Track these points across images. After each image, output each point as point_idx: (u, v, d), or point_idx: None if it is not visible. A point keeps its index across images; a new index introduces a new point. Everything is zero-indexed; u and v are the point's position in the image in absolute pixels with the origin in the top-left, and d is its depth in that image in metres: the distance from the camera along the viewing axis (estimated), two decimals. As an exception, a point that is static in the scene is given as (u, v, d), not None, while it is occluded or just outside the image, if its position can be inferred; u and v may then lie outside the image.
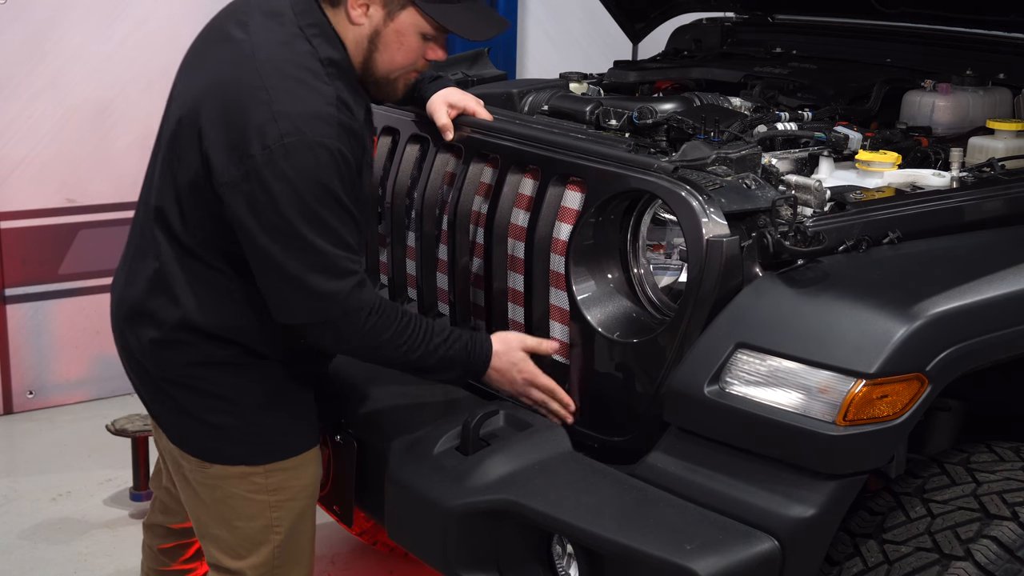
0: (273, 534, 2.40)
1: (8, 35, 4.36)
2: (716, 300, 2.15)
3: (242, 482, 2.36)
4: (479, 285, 2.63)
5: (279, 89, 2.13)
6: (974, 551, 2.05)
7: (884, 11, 3.38)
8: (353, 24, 2.25)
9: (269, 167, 2.10)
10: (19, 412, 4.63)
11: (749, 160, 2.35)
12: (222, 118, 2.15)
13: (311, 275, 2.15)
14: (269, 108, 2.11)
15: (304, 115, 2.12)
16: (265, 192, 2.11)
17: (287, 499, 2.40)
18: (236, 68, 2.18)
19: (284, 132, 2.10)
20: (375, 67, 2.30)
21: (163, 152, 2.31)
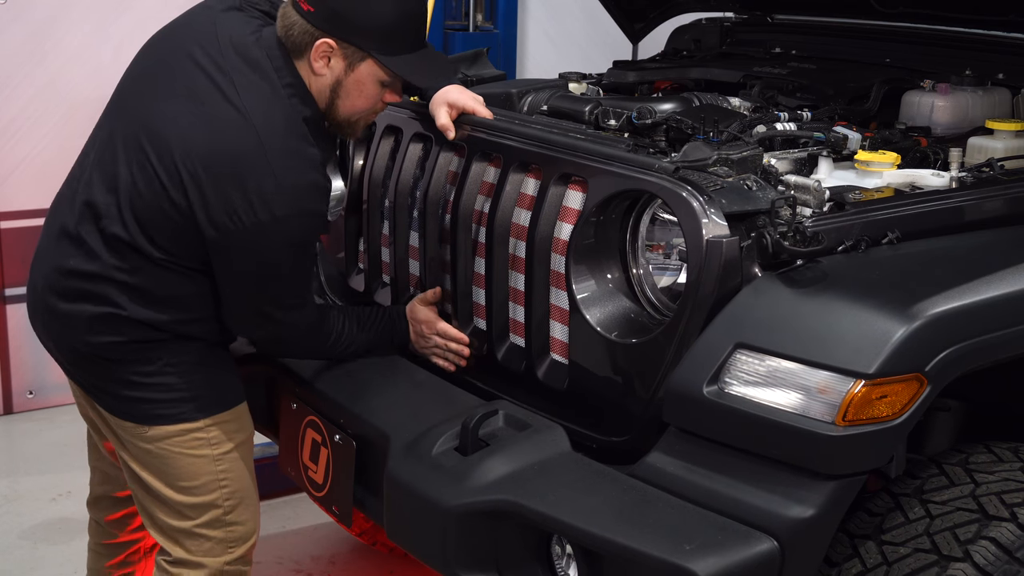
0: (220, 488, 2.54)
1: (8, 35, 4.37)
2: (715, 301, 2.15)
3: (183, 440, 2.49)
4: (480, 284, 2.63)
5: (281, 161, 2.29)
6: (973, 552, 2.05)
7: (883, 11, 3.38)
8: (316, 75, 2.39)
9: (270, 230, 2.30)
10: (19, 412, 4.64)
11: (750, 161, 2.35)
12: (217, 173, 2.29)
13: (270, 306, 2.45)
14: (275, 178, 2.28)
15: (304, 187, 2.32)
16: (259, 250, 2.33)
17: (228, 451, 2.54)
18: (238, 133, 2.30)
19: (289, 203, 2.29)
20: (337, 112, 2.46)
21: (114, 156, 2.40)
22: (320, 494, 2.67)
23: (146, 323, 2.42)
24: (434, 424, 2.40)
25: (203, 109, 2.32)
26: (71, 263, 2.43)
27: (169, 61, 2.43)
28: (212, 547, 2.57)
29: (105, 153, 2.43)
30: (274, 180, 2.28)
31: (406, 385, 2.63)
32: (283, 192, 2.28)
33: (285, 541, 3.81)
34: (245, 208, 2.28)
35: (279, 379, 2.85)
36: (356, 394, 2.61)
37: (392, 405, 2.54)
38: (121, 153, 2.39)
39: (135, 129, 2.38)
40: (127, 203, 2.37)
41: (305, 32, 2.35)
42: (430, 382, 2.64)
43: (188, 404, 2.48)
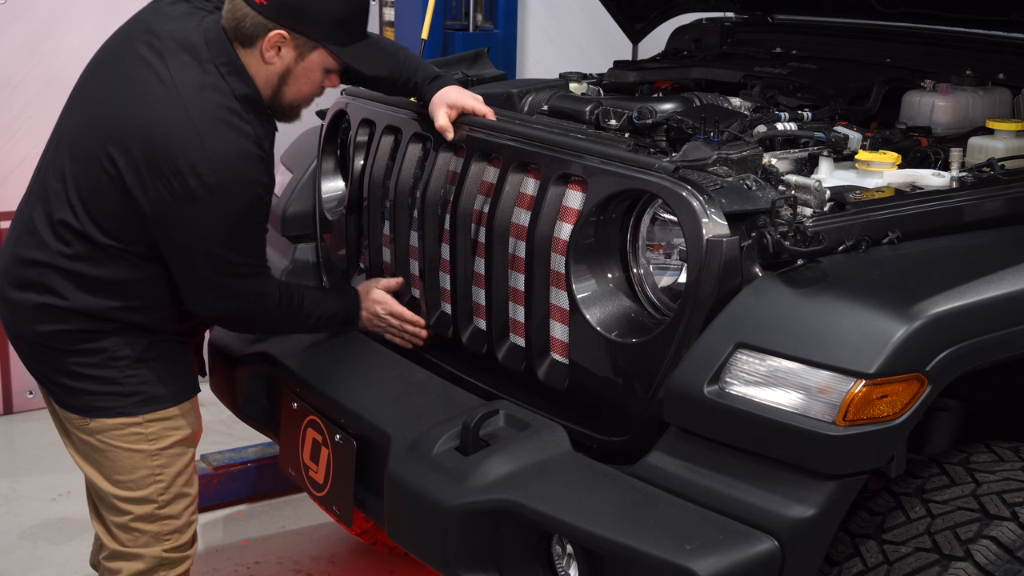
0: (155, 483, 2.58)
1: (8, 35, 4.37)
2: (715, 300, 2.15)
3: (122, 433, 2.53)
4: (480, 284, 2.63)
5: (209, 131, 2.36)
6: (974, 551, 2.05)
7: (884, 11, 3.38)
8: (266, 63, 2.47)
9: (203, 201, 2.35)
10: (19, 412, 4.64)
11: (750, 161, 2.35)
12: (151, 152, 2.35)
13: (225, 278, 2.48)
14: (203, 147, 2.34)
15: (233, 154, 2.37)
16: (197, 220, 2.37)
17: (166, 447, 2.58)
18: (163, 105, 2.38)
19: (217, 169, 2.34)
20: (283, 98, 2.54)
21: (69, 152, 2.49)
22: (321, 494, 2.67)
23: (89, 313, 2.47)
24: (435, 424, 2.40)
25: (136, 90, 2.42)
26: (23, 252, 2.51)
27: (114, 57, 2.54)
28: (148, 540, 2.62)
29: (59, 147, 2.54)
30: (203, 150, 2.34)
31: (406, 385, 2.63)
32: (212, 160, 2.34)
33: (285, 541, 3.81)
34: (177, 179, 2.33)
35: (280, 379, 2.85)
36: (357, 394, 2.61)
37: (393, 405, 2.54)
38: (69, 145, 2.50)
39: (81, 120, 2.51)
40: (74, 188, 2.45)
41: (257, 24, 2.43)
42: (431, 382, 2.64)
43: (128, 398, 2.52)
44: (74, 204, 2.45)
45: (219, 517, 3.93)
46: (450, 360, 2.72)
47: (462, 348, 2.68)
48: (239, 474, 3.97)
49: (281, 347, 2.85)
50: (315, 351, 2.82)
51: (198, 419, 2.68)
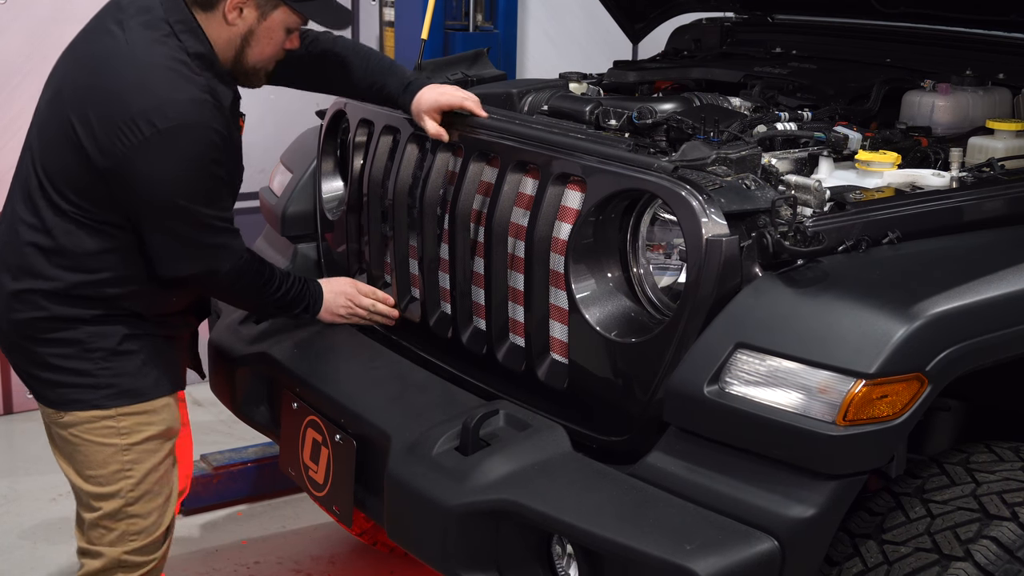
0: (124, 479, 2.55)
1: (9, 34, 4.36)
2: (715, 300, 2.15)
3: (94, 427, 2.51)
4: (480, 284, 2.63)
5: (159, 80, 2.37)
6: (974, 551, 2.05)
7: (884, 11, 3.37)
8: (228, 24, 2.47)
9: (157, 147, 2.34)
10: (19, 412, 4.64)
11: (749, 160, 2.35)
12: (104, 108, 2.36)
13: (194, 233, 2.45)
14: (154, 95, 2.34)
15: (184, 101, 2.36)
16: (154, 168, 2.36)
17: (137, 442, 2.55)
18: (116, 64, 2.41)
19: (170, 116, 2.34)
20: (246, 60, 2.54)
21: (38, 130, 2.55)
22: (320, 494, 2.67)
23: (64, 293, 2.46)
24: (435, 424, 2.40)
25: (95, 58, 2.46)
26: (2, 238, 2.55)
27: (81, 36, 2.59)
28: (112, 539, 2.60)
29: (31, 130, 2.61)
30: (153, 97, 2.34)
31: (406, 385, 2.63)
32: (163, 107, 2.33)
33: (285, 541, 3.81)
34: (130, 129, 2.33)
35: (280, 379, 2.85)
36: (356, 394, 2.61)
37: (393, 405, 2.54)
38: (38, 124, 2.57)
39: (47, 98, 2.56)
40: (41, 165, 2.49)
41: None
42: (431, 382, 2.64)
43: (101, 391, 2.50)
44: (42, 179, 2.46)
45: (219, 517, 3.93)
46: (450, 360, 2.72)
47: (462, 348, 2.68)
48: (239, 474, 3.97)
49: (281, 347, 2.85)
50: (315, 351, 2.81)
51: (177, 417, 2.65)
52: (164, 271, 2.49)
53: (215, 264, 2.51)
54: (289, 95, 3.09)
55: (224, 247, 2.51)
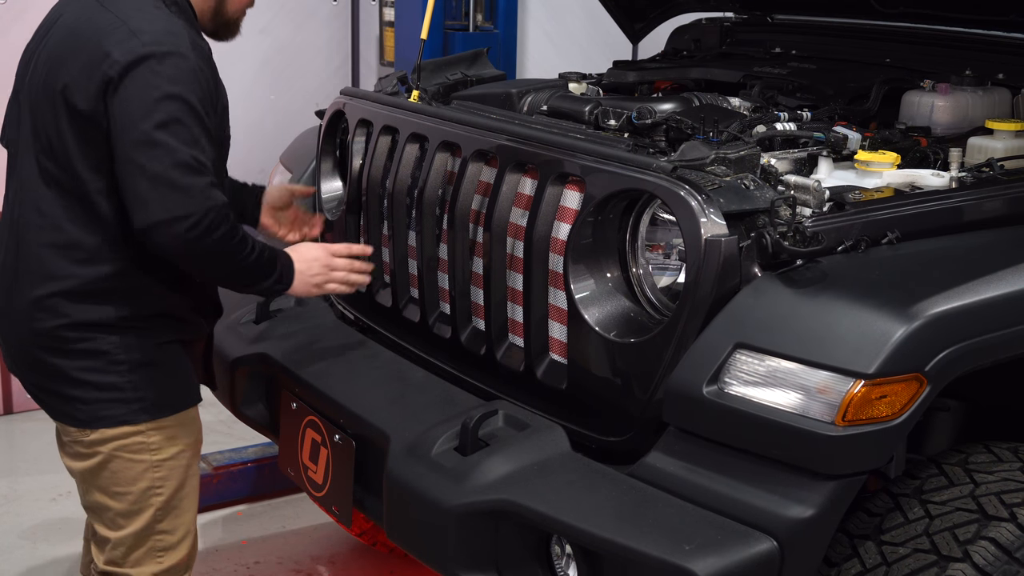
0: (154, 496, 2.47)
1: (9, 35, 4.37)
2: (714, 300, 2.15)
3: (123, 444, 2.42)
4: (479, 284, 2.63)
5: (131, 15, 2.32)
6: (972, 552, 2.05)
7: (883, 11, 3.37)
8: None
9: (132, 73, 2.26)
10: (19, 412, 4.64)
11: (748, 160, 2.35)
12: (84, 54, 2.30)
13: (170, 170, 2.26)
14: (126, 27, 2.29)
15: (159, 31, 2.30)
16: (129, 98, 2.26)
17: (168, 458, 2.47)
18: (86, 10, 2.37)
19: (144, 43, 2.27)
20: (226, 10, 2.53)
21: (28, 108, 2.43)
22: (320, 494, 2.67)
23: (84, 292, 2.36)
24: (434, 424, 2.40)
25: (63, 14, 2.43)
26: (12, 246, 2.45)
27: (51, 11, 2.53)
28: (140, 556, 2.50)
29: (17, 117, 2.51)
30: (126, 29, 2.29)
31: (406, 385, 2.63)
32: (136, 35, 2.28)
33: (285, 541, 3.81)
34: (106, 63, 2.27)
35: (279, 379, 2.85)
36: (356, 394, 2.61)
37: (392, 405, 2.54)
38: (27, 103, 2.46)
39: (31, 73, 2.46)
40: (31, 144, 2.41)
41: None
42: (430, 382, 2.64)
43: (131, 405, 2.41)
44: (42, 166, 2.38)
45: (219, 517, 3.93)
46: (449, 360, 2.72)
47: (461, 348, 2.68)
48: (239, 474, 3.98)
49: (280, 347, 2.85)
50: (314, 351, 2.82)
51: (200, 428, 2.58)
52: (138, 221, 2.29)
53: (189, 206, 2.27)
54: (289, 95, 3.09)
55: (200, 190, 2.29)
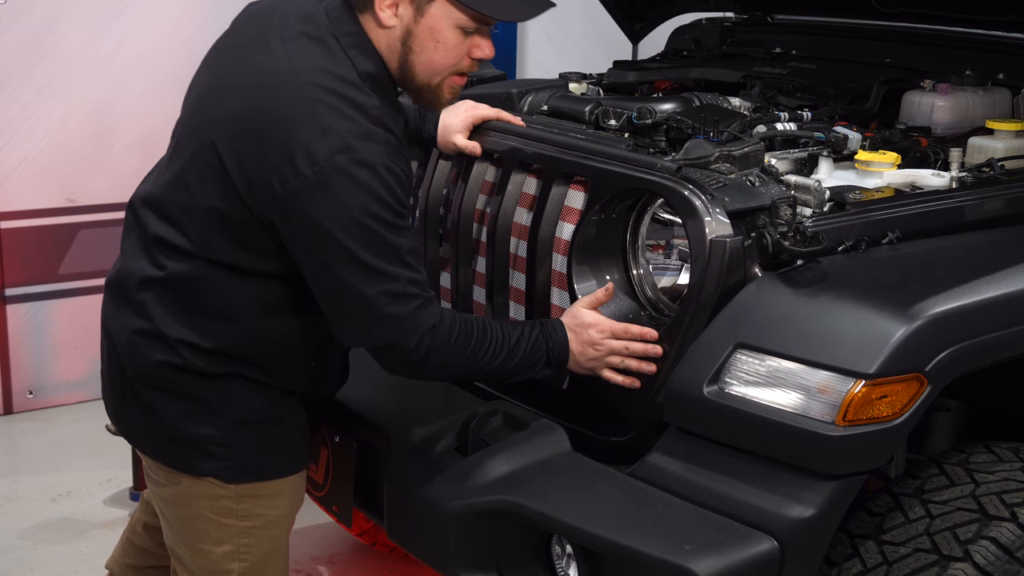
0: (238, 561, 2.26)
1: (8, 35, 4.37)
2: (719, 300, 2.15)
3: (211, 503, 2.23)
4: (481, 283, 2.63)
5: (325, 105, 2.02)
6: (973, 552, 2.05)
7: (884, 11, 3.37)
8: (383, 27, 2.12)
9: (321, 187, 1.99)
10: (19, 412, 4.64)
11: (752, 157, 2.35)
12: (264, 138, 2.03)
13: (367, 297, 2.05)
14: (317, 124, 2.00)
15: (352, 132, 2.01)
16: (316, 211, 2.00)
17: (258, 526, 2.26)
18: (274, 86, 2.06)
19: (334, 149, 1.99)
20: (414, 72, 2.16)
21: (179, 160, 2.18)
22: (320, 494, 2.67)
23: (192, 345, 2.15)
24: (434, 424, 2.40)
25: (248, 75, 2.11)
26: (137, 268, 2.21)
27: (230, 46, 2.23)
28: None
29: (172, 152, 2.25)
30: (315, 125, 1.99)
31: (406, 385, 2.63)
32: (326, 137, 1.99)
33: (285, 541, 3.80)
34: (286, 165, 1.99)
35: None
36: (356, 394, 2.61)
37: (392, 405, 2.54)
38: (177, 149, 2.21)
39: (191, 120, 2.20)
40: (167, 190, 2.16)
41: None
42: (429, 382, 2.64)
43: (222, 462, 2.20)
44: (179, 217, 2.13)
45: (219, 517, 3.92)
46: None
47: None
48: (239, 474, 3.97)
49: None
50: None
51: (299, 500, 2.33)
52: (344, 342, 2.16)
53: (404, 335, 2.07)
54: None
55: (414, 318, 2.07)
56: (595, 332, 2.25)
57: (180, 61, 4.56)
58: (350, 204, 2.00)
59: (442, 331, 2.12)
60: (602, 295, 2.30)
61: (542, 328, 2.27)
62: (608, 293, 2.30)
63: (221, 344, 2.16)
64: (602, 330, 2.25)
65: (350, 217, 2.01)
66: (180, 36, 4.59)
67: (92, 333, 4.60)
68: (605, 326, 2.25)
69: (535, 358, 2.24)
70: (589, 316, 2.27)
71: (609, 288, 2.31)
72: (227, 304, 2.15)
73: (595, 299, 2.30)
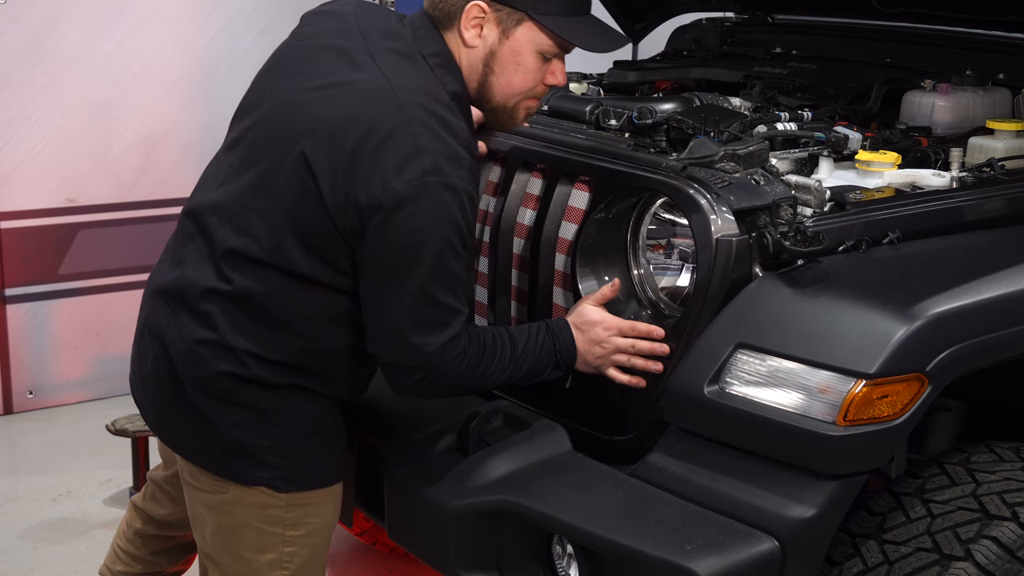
0: (280, 569, 2.26)
1: (8, 35, 4.37)
2: (724, 298, 2.15)
3: (259, 511, 2.22)
4: (484, 283, 2.63)
5: (422, 124, 2.03)
6: (974, 551, 2.05)
7: (884, 11, 3.37)
8: (467, 47, 2.15)
9: (408, 203, 2.00)
10: (19, 412, 4.63)
11: (756, 156, 2.35)
12: (359, 150, 2.03)
13: (416, 322, 2.07)
14: (414, 142, 2.01)
15: (445, 154, 2.03)
16: (398, 228, 2.02)
17: (303, 535, 2.26)
18: (377, 100, 2.06)
19: (427, 169, 2.01)
20: (492, 93, 2.20)
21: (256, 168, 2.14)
22: (321, 494, 2.67)
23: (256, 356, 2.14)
24: (435, 424, 2.40)
25: (337, 87, 2.10)
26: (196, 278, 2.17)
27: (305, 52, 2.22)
28: None
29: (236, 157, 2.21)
30: (411, 143, 2.01)
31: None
32: (420, 156, 2.00)
33: (285, 541, 3.80)
34: (376, 178, 2.00)
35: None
36: (357, 394, 2.61)
37: (393, 405, 2.54)
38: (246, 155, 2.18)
39: (271, 132, 2.16)
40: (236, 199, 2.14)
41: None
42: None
43: (274, 471, 2.19)
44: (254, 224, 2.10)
45: (219, 517, 3.92)
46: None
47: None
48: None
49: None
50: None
51: (338, 505, 2.34)
52: (372, 350, 2.17)
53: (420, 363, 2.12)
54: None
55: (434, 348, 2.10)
56: (601, 330, 2.26)
57: (180, 61, 4.59)
58: (430, 225, 2.03)
59: (460, 358, 2.14)
60: (608, 291, 2.31)
61: (548, 330, 2.27)
62: (614, 289, 2.31)
63: (286, 356, 2.16)
64: (608, 327, 2.25)
65: (427, 238, 2.03)
66: (180, 36, 4.59)
67: (92, 333, 4.64)
68: (612, 323, 2.25)
69: (544, 363, 2.26)
70: (595, 314, 2.28)
71: (615, 284, 2.31)
72: (294, 316, 2.14)
73: (601, 296, 2.31)
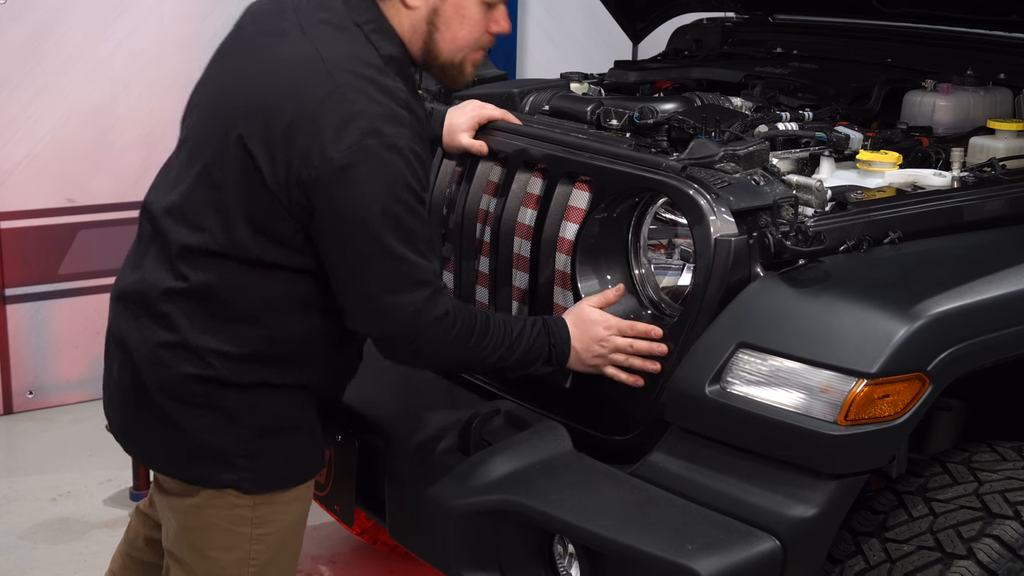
0: (248, 566, 2.23)
1: (8, 35, 4.37)
2: (723, 299, 2.15)
3: (227, 512, 2.19)
4: (484, 283, 2.63)
5: (354, 89, 2.03)
6: (976, 550, 2.05)
7: (884, 11, 3.37)
8: (409, 8, 2.15)
9: (350, 169, 2.00)
10: (19, 412, 4.63)
11: (757, 156, 2.35)
12: (293, 124, 2.02)
13: (387, 283, 2.06)
14: (348, 108, 2.01)
15: (382, 115, 2.02)
16: (345, 195, 2.01)
17: (270, 533, 2.24)
18: (305, 73, 2.06)
19: (365, 132, 2.00)
20: (438, 51, 2.20)
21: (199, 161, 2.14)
22: (322, 494, 2.67)
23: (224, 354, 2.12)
24: (436, 423, 2.40)
25: (267, 64, 2.11)
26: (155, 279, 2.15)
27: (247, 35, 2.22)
28: None
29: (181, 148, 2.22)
30: (345, 110, 2.00)
31: (408, 384, 2.63)
32: (356, 121, 1.99)
33: (285, 541, 3.80)
34: (315, 149, 1.99)
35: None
36: (358, 393, 2.61)
37: (394, 405, 2.54)
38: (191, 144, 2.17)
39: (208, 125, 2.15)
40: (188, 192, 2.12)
41: None
42: (432, 381, 2.64)
43: (242, 473, 2.17)
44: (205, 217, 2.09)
45: (219, 517, 3.92)
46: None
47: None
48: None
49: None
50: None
51: (309, 499, 2.32)
52: (353, 326, 2.16)
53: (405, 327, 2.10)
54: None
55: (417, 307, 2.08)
56: (600, 329, 2.26)
57: (180, 61, 4.58)
58: (377, 187, 2.02)
59: (447, 322, 2.12)
60: (612, 295, 2.31)
61: (544, 325, 2.28)
62: (619, 294, 2.31)
63: (252, 349, 2.14)
64: (608, 327, 2.26)
65: (377, 200, 2.02)
66: (180, 36, 4.60)
67: (92, 333, 4.63)
68: (611, 323, 2.27)
69: (536, 354, 2.26)
70: (595, 313, 2.29)
71: (620, 289, 2.32)
72: (256, 305, 2.13)
73: (604, 299, 2.31)
